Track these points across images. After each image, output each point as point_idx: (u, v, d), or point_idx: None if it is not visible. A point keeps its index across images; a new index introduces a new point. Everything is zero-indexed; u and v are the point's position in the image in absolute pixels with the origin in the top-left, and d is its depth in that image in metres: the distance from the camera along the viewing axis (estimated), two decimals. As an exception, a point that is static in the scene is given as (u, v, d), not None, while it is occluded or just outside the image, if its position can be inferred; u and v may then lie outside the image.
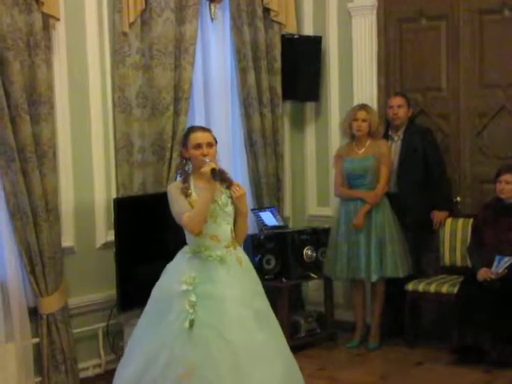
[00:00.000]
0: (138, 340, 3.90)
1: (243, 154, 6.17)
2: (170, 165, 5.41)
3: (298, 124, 6.66)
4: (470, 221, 5.76)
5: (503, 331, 5.20)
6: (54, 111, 4.84)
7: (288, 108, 6.60)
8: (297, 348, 4.83)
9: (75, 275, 5.04)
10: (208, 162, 3.89)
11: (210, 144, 3.97)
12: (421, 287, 5.73)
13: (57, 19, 4.80)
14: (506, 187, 5.45)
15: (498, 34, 5.84)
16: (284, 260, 5.89)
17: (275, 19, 6.21)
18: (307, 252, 5.94)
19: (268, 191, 6.22)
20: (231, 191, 3.96)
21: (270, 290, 4.47)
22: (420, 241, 6.08)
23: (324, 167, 6.49)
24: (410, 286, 5.77)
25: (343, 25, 6.35)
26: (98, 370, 5.21)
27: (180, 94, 5.45)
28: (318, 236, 6.05)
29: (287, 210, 6.56)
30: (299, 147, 6.65)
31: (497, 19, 5.85)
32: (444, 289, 5.64)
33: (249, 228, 4.30)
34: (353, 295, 6.08)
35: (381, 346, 5.88)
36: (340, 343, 6.02)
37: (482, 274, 5.34)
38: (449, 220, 5.97)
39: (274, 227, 5.99)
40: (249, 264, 4.08)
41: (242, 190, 3.97)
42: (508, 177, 5.43)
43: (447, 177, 5.95)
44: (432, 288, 5.69)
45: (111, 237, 5.09)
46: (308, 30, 6.50)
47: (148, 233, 5.09)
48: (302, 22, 6.51)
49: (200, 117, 5.79)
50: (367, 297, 6.06)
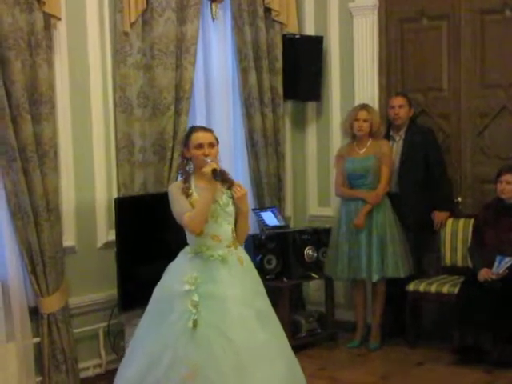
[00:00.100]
0: (140, 340, 3.90)
1: (244, 154, 6.17)
2: (171, 165, 5.41)
3: (299, 124, 6.66)
4: (471, 221, 5.75)
5: (504, 331, 5.20)
6: (55, 111, 4.84)
7: (289, 108, 6.59)
8: (297, 348, 4.82)
9: (76, 275, 5.04)
10: (209, 163, 3.88)
11: (212, 144, 3.97)
12: (422, 287, 5.73)
13: (58, 19, 4.80)
14: (507, 187, 5.44)
15: (499, 34, 5.83)
16: (285, 260, 5.89)
17: (276, 19, 6.21)
18: (308, 252, 5.95)
19: (269, 191, 6.22)
20: (232, 191, 3.95)
21: (271, 290, 4.46)
22: (421, 241, 6.07)
23: (325, 167, 6.49)
24: (411, 286, 5.77)
25: (344, 25, 6.34)
26: (99, 370, 5.20)
27: (181, 94, 5.45)
28: (319, 236, 6.05)
29: (288, 210, 6.56)
30: (300, 147, 6.65)
31: (498, 19, 5.84)
32: (445, 289, 5.63)
33: (249, 228, 4.30)
34: (354, 295, 6.08)
35: (381, 346, 5.88)
36: (341, 343, 6.02)
37: (483, 275, 5.34)
38: (450, 220, 5.97)
39: (275, 227, 5.99)
40: (250, 264, 4.08)
41: (244, 191, 3.96)
42: (509, 177, 5.43)
43: (448, 177, 5.95)
44: (433, 288, 5.69)
45: (112, 236, 5.09)
46: (309, 30, 6.50)
47: (149, 233, 5.09)
48: (304, 22, 6.51)
49: (201, 117, 5.79)
50: (368, 297, 6.05)
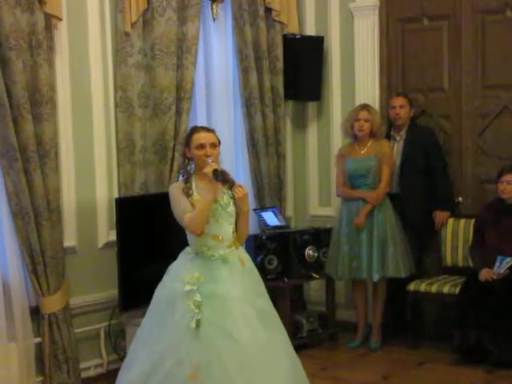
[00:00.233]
0: (143, 342, 3.88)
1: (245, 154, 6.17)
2: (172, 165, 5.41)
3: (300, 124, 6.65)
4: (472, 221, 5.75)
5: (505, 331, 5.20)
6: (56, 111, 4.84)
7: (290, 108, 6.60)
8: (298, 348, 4.81)
9: (77, 275, 5.03)
10: (210, 163, 3.87)
11: (214, 144, 3.95)
12: (422, 287, 5.73)
13: (59, 19, 4.80)
14: (508, 187, 5.44)
15: (500, 35, 5.83)
16: (286, 260, 5.89)
17: (277, 19, 6.21)
18: (309, 252, 5.95)
19: (270, 191, 6.22)
20: (234, 192, 3.93)
21: (272, 290, 4.45)
22: (422, 241, 6.08)
23: (326, 167, 6.49)
24: (412, 286, 5.77)
25: (345, 25, 6.34)
26: (100, 370, 5.20)
27: (182, 94, 5.45)
28: (320, 236, 6.05)
29: (289, 210, 6.56)
30: (301, 147, 6.65)
31: (499, 19, 5.84)
32: (446, 289, 5.63)
33: (250, 229, 4.28)
34: (354, 295, 6.08)
35: (382, 346, 5.88)
36: (342, 343, 6.02)
37: (484, 275, 5.34)
38: (451, 220, 5.97)
39: (276, 227, 5.99)
40: (251, 264, 4.07)
41: (245, 191, 3.94)
42: (510, 177, 5.43)
43: (449, 177, 5.95)
44: (434, 288, 5.68)
45: (113, 236, 5.09)
46: (310, 30, 6.50)
47: (150, 233, 5.09)
48: (304, 22, 6.51)
49: (202, 117, 5.79)
50: (369, 297, 6.05)
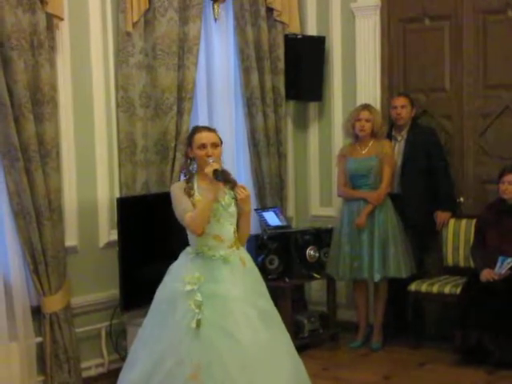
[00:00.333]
0: (144, 342, 3.88)
1: (246, 154, 6.17)
2: (174, 164, 5.41)
3: (301, 124, 6.66)
4: (473, 221, 5.75)
5: (506, 332, 5.20)
6: (58, 111, 4.84)
7: (291, 108, 6.60)
8: (300, 348, 4.80)
9: (78, 274, 5.03)
10: (211, 163, 3.87)
11: (215, 144, 3.95)
12: (423, 287, 5.73)
13: (61, 19, 4.80)
14: (509, 188, 5.44)
15: (502, 35, 5.83)
16: (287, 260, 5.89)
17: (278, 19, 6.21)
18: (310, 252, 5.95)
19: (271, 191, 6.22)
20: (235, 193, 3.93)
21: (273, 290, 4.45)
22: (423, 241, 6.08)
23: (327, 167, 6.49)
24: (413, 287, 5.77)
25: (346, 25, 6.34)
26: (101, 370, 5.20)
27: (183, 94, 5.45)
28: (321, 236, 6.05)
29: (290, 210, 6.56)
30: (302, 147, 6.65)
31: (500, 19, 5.84)
32: (447, 289, 5.63)
33: (251, 229, 4.28)
34: (355, 295, 6.08)
35: (384, 347, 5.88)
36: (343, 343, 6.02)
37: (485, 275, 5.34)
38: (452, 220, 5.96)
39: (277, 227, 5.99)
40: (252, 264, 4.07)
41: (247, 192, 3.94)
42: (511, 177, 5.43)
43: (450, 177, 5.95)
44: (435, 288, 5.68)
45: (114, 236, 5.08)
46: (311, 30, 6.50)
47: (151, 232, 5.09)
48: (306, 22, 6.51)
49: (203, 117, 5.79)
50: (370, 297, 6.06)
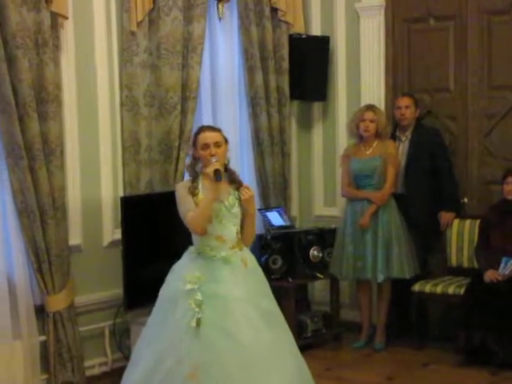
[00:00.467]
0: (147, 341, 3.89)
1: (250, 154, 6.17)
2: (177, 164, 5.41)
3: (305, 124, 6.65)
4: (477, 222, 5.74)
5: (510, 333, 5.19)
6: (62, 109, 4.85)
7: (295, 108, 6.59)
8: (303, 348, 4.81)
9: (82, 273, 5.04)
10: (213, 163, 3.88)
11: (218, 144, 3.95)
12: (427, 288, 5.72)
13: (65, 18, 4.81)
14: (514, 188, 5.44)
15: (507, 35, 5.82)
16: (290, 260, 5.89)
17: (283, 19, 6.21)
18: (314, 252, 5.95)
19: (275, 191, 6.22)
20: (240, 193, 3.94)
21: (277, 290, 4.44)
22: (427, 242, 6.07)
23: (331, 167, 6.48)
24: (417, 287, 5.76)
25: (351, 25, 6.34)
26: (105, 368, 5.21)
27: (187, 94, 5.45)
28: (325, 236, 6.05)
29: (294, 210, 6.55)
30: (306, 147, 6.65)
31: (505, 20, 5.83)
32: (450, 290, 5.63)
33: (256, 230, 4.27)
34: (359, 295, 6.07)
35: (387, 347, 5.87)
36: (346, 343, 6.02)
37: (489, 276, 5.33)
38: (456, 221, 5.96)
39: (281, 227, 5.99)
40: (255, 265, 4.06)
41: (251, 193, 3.94)
42: (515, 178, 5.43)
43: (454, 178, 5.94)
44: (438, 289, 5.68)
45: (118, 235, 5.09)
46: (316, 30, 6.50)
47: (155, 231, 5.10)
48: (310, 22, 6.51)
49: (207, 116, 5.79)
50: (373, 297, 6.05)
